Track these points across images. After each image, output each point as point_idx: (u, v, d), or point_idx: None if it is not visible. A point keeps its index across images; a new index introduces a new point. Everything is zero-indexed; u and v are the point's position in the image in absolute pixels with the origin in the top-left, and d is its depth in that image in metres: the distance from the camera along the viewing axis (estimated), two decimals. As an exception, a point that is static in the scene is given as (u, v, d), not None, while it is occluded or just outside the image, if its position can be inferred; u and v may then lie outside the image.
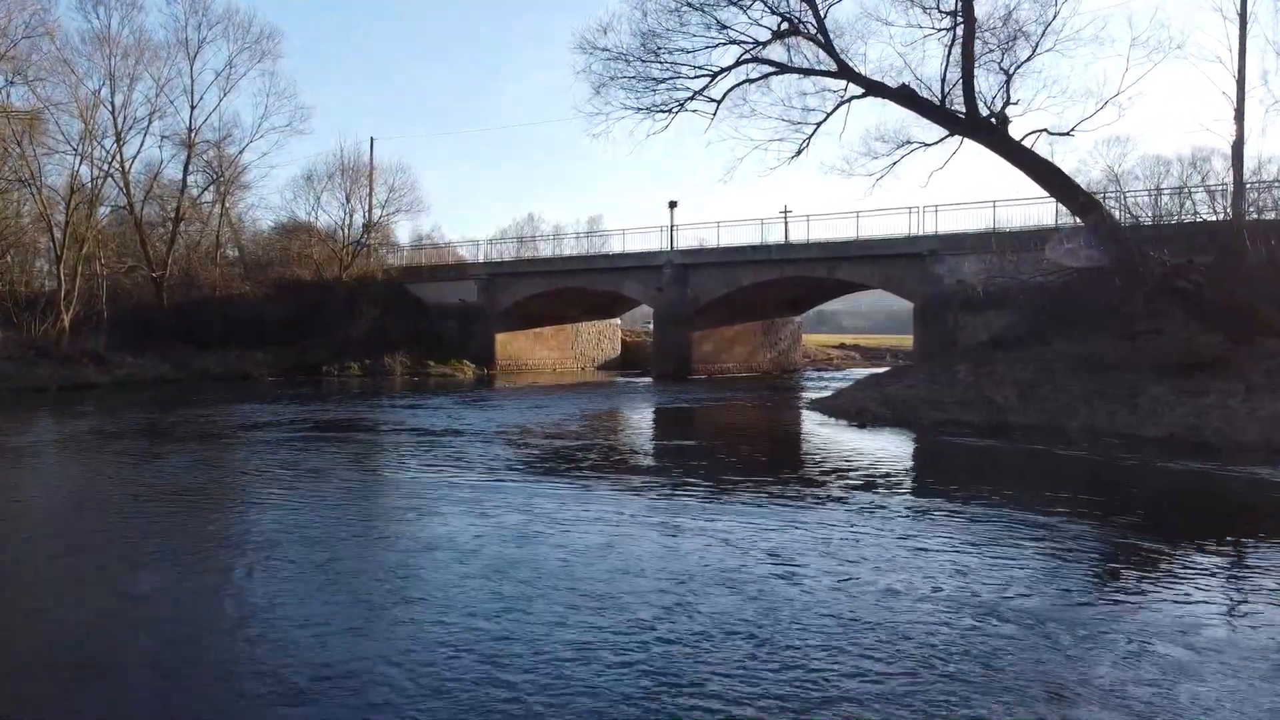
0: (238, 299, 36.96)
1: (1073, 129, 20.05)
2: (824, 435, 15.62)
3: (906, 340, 78.57)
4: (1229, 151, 22.12)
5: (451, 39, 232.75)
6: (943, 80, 19.44)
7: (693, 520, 8.32)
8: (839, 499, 9.40)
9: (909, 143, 22.79)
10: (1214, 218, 21.67)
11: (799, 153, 22.81)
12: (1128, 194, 25.80)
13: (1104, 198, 26.93)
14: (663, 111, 20.72)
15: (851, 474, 11.06)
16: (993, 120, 18.96)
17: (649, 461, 12.64)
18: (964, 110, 19.25)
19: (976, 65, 19.60)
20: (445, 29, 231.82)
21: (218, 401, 23.12)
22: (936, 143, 22.31)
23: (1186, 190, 23.96)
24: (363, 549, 7.48)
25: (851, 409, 18.74)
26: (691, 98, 20.22)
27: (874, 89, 19.87)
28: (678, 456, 12.77)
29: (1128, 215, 25.15)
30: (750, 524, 8.12)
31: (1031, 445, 13.56)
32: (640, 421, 18.99)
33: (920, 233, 31.11)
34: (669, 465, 11.99)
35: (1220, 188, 23.32)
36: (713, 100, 20.30)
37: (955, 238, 30.01)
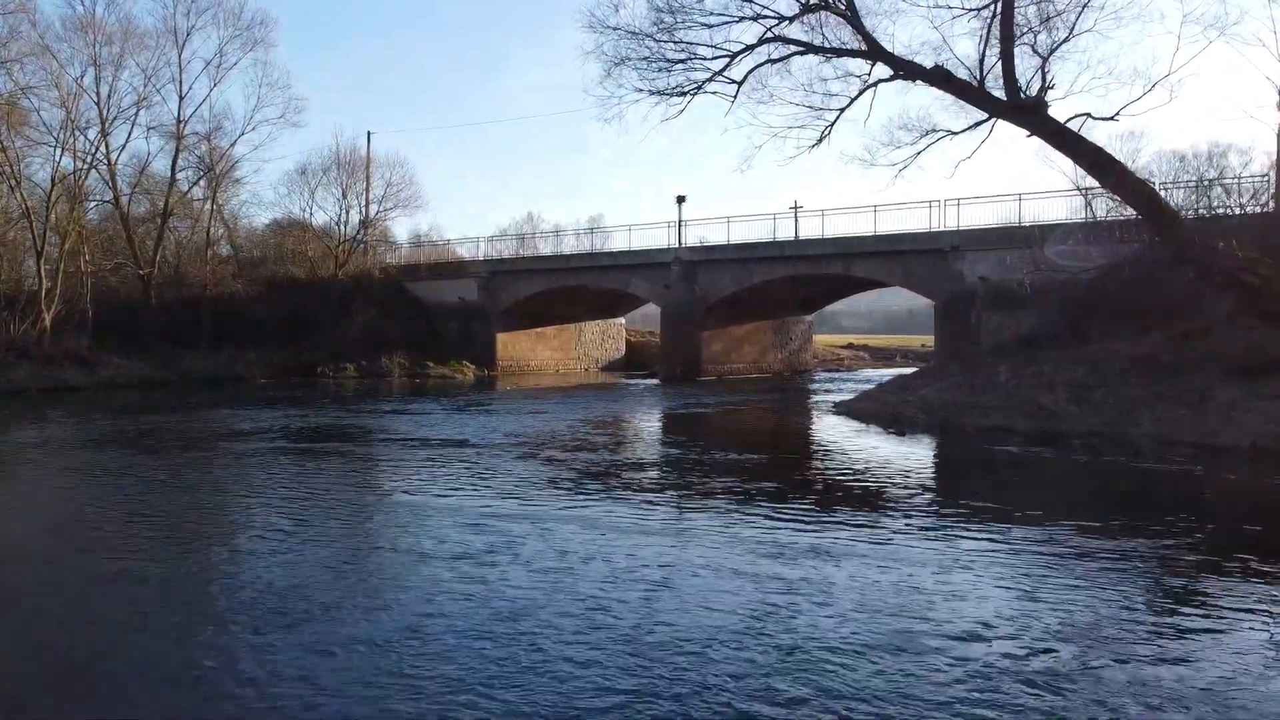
0: (229, 298, 35.62)
1: (1117, 113, 18.66)
2: (870, 445, 14.13)
3: (911, 340, 77.67)
4: (1247, 146, 20.87)
5: (450, 37, 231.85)
6: (980, 60, 18.08)
7: (833, 569, 6.59)
8: (964, 532, 7.78)
9: (934, 131, 21.43)
10: (1229, 212, 20.44)
11: (821, 140, 21.42)
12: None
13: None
14: (678, 95, 19.33)
15: (940, 498, 9.55)
16: (1043, 95, 17.58)
17: (707, 482, 10.56)
18: (1004, 91, 17.86)
19: (1013, 45, 18.26)
20: (444, 27, 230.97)
21: (204, 405, 21.79)
22: (964, 130, 20.93)
23: (1204, 184, 22.77)
24: (428, 620, 5.42)
25: (885, 414, 17.38)
26: (711, 78, 18.82)
27: (906, 70, 18.51)
28: (734, 475, 10.93)
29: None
30: (896, 571, 6.49)
31: (1102, 456, 12.18)
32: (666, 429, 17.37)
33: (941, 228, 29.82)
34: (731, 487, 10.05)
35: (1255, 180, 22.04)
36: (733, 82, 18.91)
37: (978, 233, 28.76)
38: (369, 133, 52.12)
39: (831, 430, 16.08)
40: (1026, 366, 17.51)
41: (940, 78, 18.25)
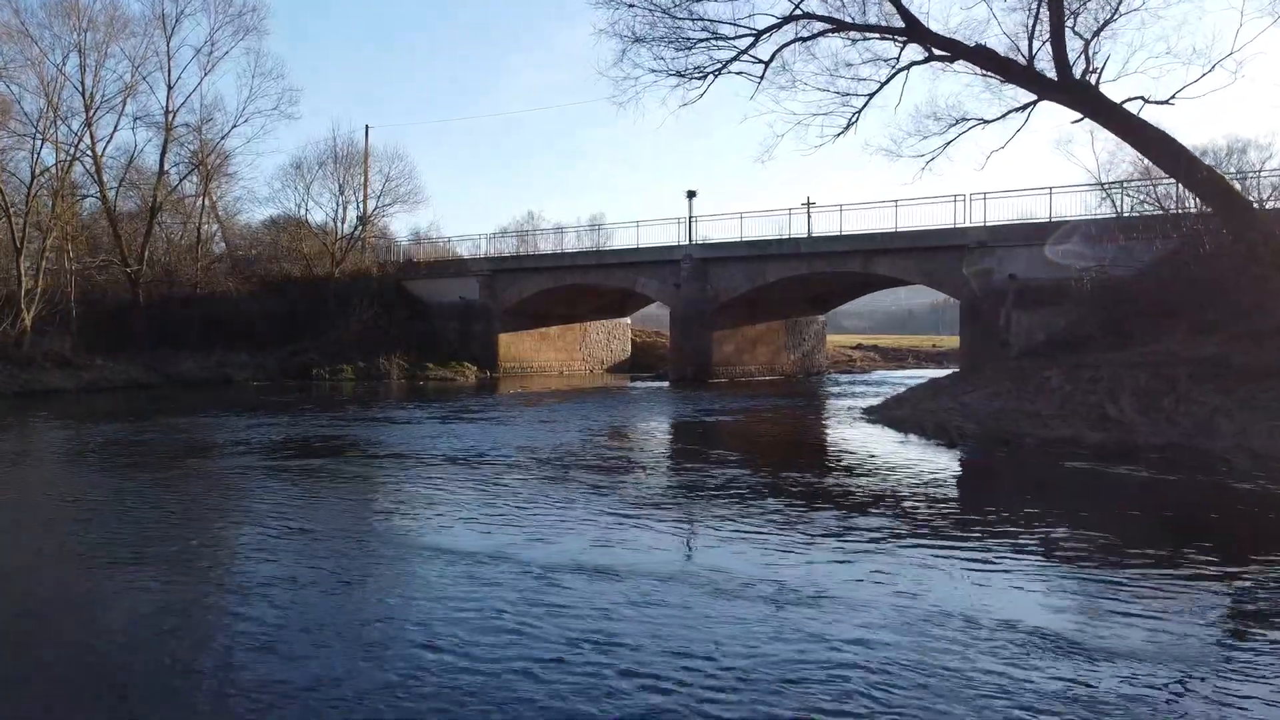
0: (221, 297, 34.19)
1: (1174, 96, 17.31)
2: (931, 460, 12.64)
3: (918, 339, 76.07)
4: (1267, 142, 19.58)
5: (449, 41, 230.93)
6: (1030, 38, 16.73)
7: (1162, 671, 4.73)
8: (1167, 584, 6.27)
9: (965, 120, 20.14)
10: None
11: (849, 126, 20.10)
12: (1157, 183, 23.82)
13: (1136, 187, 24.81)
14: (698, 76, 17.92)
15: (1066, 527, 8.05)
16: (1088, 78, 16.19)
17: (805, 514, 8.59)
18: (1054, 71, 16.47)
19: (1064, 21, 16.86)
20: (443, 29, 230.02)
21: (191, 411, 20.34)
22: (998, 119, 19.64)
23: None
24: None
25: (928, 423, 15.98)
26: (736, 57, 17.39)
27: (948, 48, 17.12)
28: (822, 505, 9.15)
29: (1158, 205, 23.03)
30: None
31: (1207, 476, 10.71)
32: (700, 442, 15.39)
33: (967, 224, 28.40)
34: (839, 524, 8.12)
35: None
36: (759, 61, 17.49)
37: (1007, 229, 27.39)
38: (366, 126, 50.69)
39: (879, 444, 14.54)
40: (1080, 370, 16.08)
41: (985, 57, 16.87)
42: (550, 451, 13.19)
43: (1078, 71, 17.44)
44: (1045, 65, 17.61)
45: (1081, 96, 16.18)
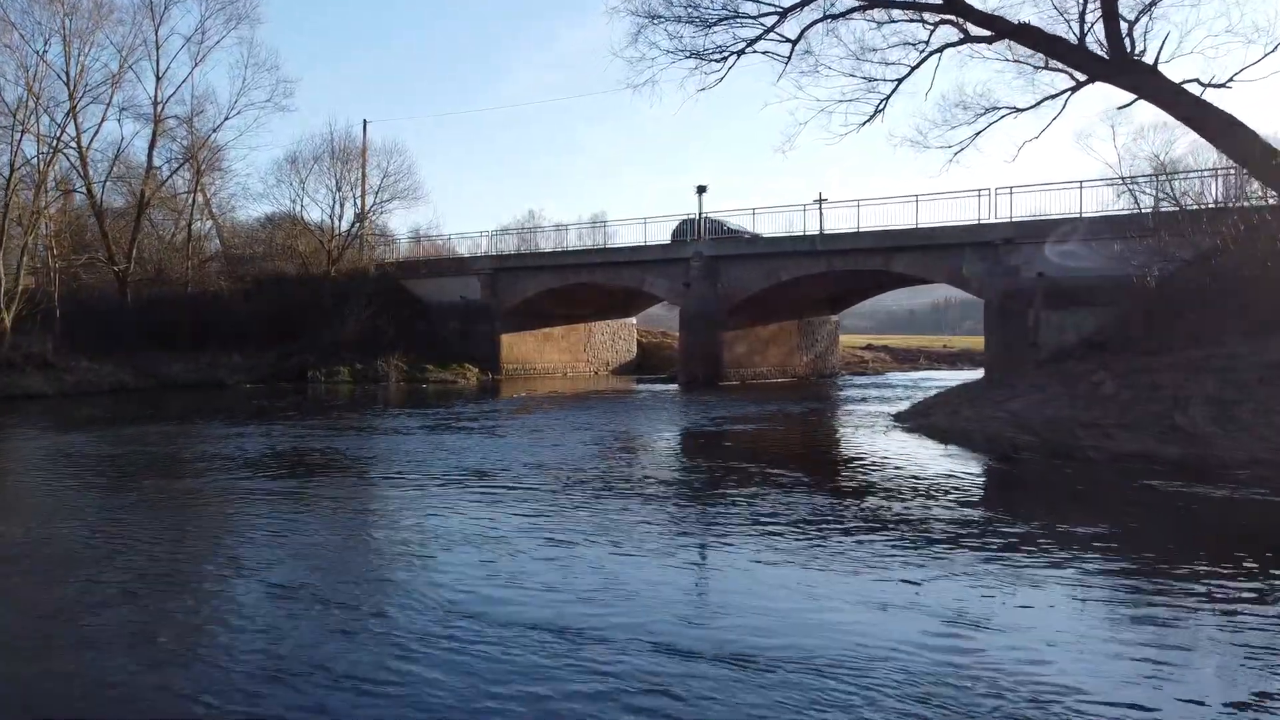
0: (213, 296, 32.93)
1: (1233, 78, 16.01)
2: (1010, 481, 11.38)
3: (925, 339, 74.72)
4: None
5: (448, 41, 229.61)
6: (1081, 15, 15.39)
7: None
8: None
9: (996, 108, 18.89)
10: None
11: (876, 113, 18.84)
12: (1175, 177, 22.68)
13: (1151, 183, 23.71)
14: (718, 57, 16.60)
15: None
16: (1139, 56, 14.89)
17: (910, 550, 7.23)
18: (1106, 51, 15.17)
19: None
20: (442, 28, 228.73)
21: (177, 417, 19.07)
22: (1031, 107, 18.39)
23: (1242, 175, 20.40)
24: None
25: (971, 433, 14.67)
26: (762, 35, 16.07)
27: (990, 26, 15.84)
28: (946, 538, 7.74)
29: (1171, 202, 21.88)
30: None
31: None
32: (729, 454, 13.70)
33: (992, 219, 27.13)
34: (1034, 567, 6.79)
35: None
36: (786, 40, 16.17)
37: (1035, 224, 26.15)
38: (365, 120, 49.34)
39: (927, 457, 13.06)
40: (1136, 375, 14.78)
41: (1031, 35, 15.57)
42: (575, 471, 11.71)
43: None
44: (1092, 47, 16.34)
45: (1138, 77, 14.88)
